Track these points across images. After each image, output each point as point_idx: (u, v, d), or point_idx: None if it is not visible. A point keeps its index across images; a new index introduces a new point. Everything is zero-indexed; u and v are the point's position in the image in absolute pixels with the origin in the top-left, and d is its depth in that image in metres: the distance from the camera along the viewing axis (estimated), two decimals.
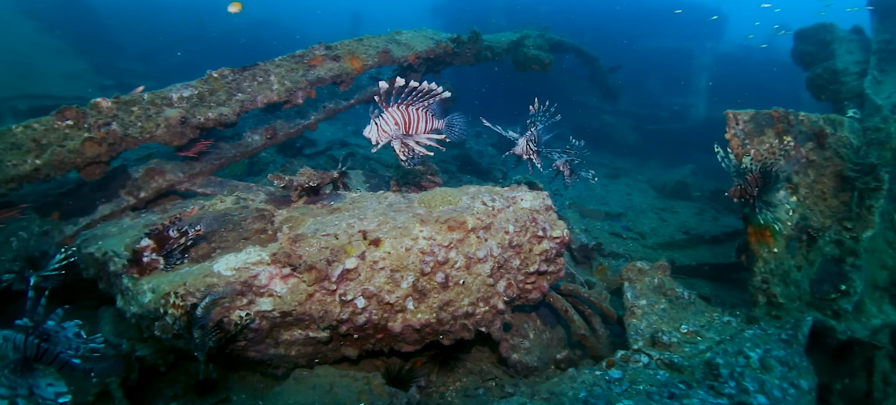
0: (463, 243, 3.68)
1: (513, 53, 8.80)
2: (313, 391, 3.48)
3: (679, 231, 9.57)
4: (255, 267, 3.22)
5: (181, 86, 4.83)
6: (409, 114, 3.94)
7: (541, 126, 4.22)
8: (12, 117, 10.56)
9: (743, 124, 5.63)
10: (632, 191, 11.25)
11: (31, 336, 2.80)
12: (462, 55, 7.15)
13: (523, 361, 4.73)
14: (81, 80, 13.57)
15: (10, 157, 4.20)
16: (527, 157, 4.29)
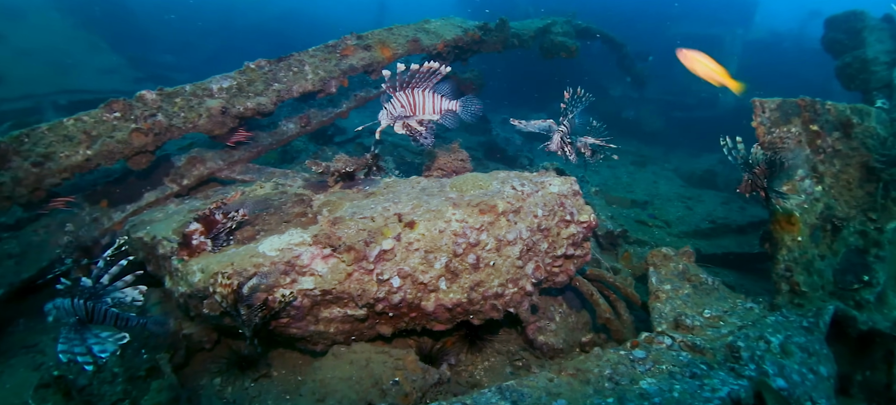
0: (494, 226, 3.81)
1: (539, 40, 8.84)
2: (351, 366, 3.67)
3: (705, 220, 9.52)
4: (297, 248, 3.40)
5: (220, 77, 5.05)
6: (415, 96, 4.07)
7: (574, 114, 4.29)
8: (53, 111, 11.01)
9: (769, 112, 5.63)
10: (658, 179, 11.19)
11: (79, 299, 3.10)
12: (489, 43, 7.23)
13: (549, 343, 4.84)
14: (117, 74, 14.02)
15: (63, 149, 4.46)
16: (561, 152, 4.36)
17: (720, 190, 11.19)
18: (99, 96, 12.62)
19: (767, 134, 5.56)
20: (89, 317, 3.11)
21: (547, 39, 8.86)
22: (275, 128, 5.84)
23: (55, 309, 3.06)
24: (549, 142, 4.24)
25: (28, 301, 5.30)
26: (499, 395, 2.91)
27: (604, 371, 3.42)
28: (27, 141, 4.45)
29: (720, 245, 8.45)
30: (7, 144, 4.40)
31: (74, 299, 3.07)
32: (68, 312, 3.06)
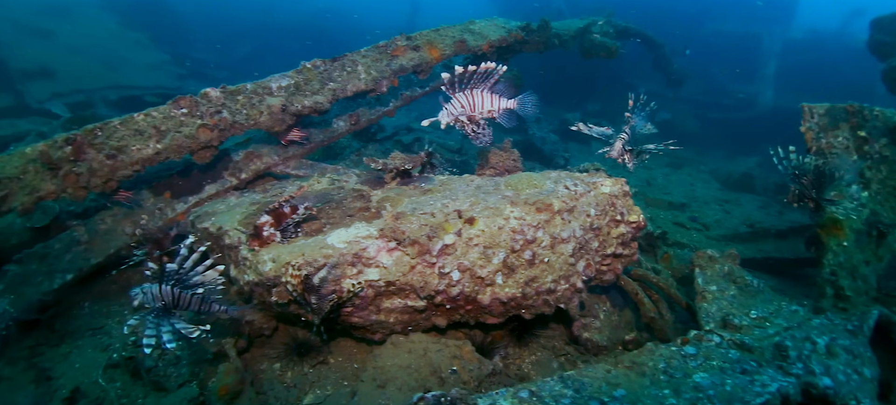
0: (549, 224, 3.92)
1: (579, 40, 8.88)
2: (409, 355, 3.82)
3: (743, 224, 9.46)
4: (364, 240, 3.56)
5: (279, 76, 5.25)
6: (474, 96, 4.20)
7: (636, 121, 4.34)
8: (104, 106, 11.46)
9: (818, 118, 5.64)
10: (694, 181, 11.12)
11: (165, 285, 3.26)
12: (531, 43, 7.33)
13: (593, 340, 4.93)
14: (161, 71, 14.51)
15: (134, 142, 4.71)
16: (620, 159, 4.41)
17: (758, 194, 11.07)
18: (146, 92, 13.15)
19: (815, 139, 5.56)
20: (174, 303, 3.29)
21: (587, 39, 8.90)
22: (326, 125, 6.03)
23: (143, 293, 3.24)
24: (609, 148, 4.30)
25: (94, 285, 5.60)
26: (561, 384, 3.02)
27: (658, 364, 3.51)
28: (100, 134, 4.70)
29: (759, 249, 8.38)
30: (83, 137, 4.66)
31: (161, 285, 3.25)
32: (155, 297, 3.25)
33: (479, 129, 4.19)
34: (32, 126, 10.76)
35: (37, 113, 12.11)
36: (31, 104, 12.38)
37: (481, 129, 4.21)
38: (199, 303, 3.32)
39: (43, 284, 5.03)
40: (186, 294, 3.29)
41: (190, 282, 3.37)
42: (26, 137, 8.95)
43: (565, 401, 2.86)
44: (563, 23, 8.74)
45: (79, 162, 4.51)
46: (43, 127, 10.26)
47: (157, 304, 3.29)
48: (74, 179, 4.49)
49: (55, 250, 5.21)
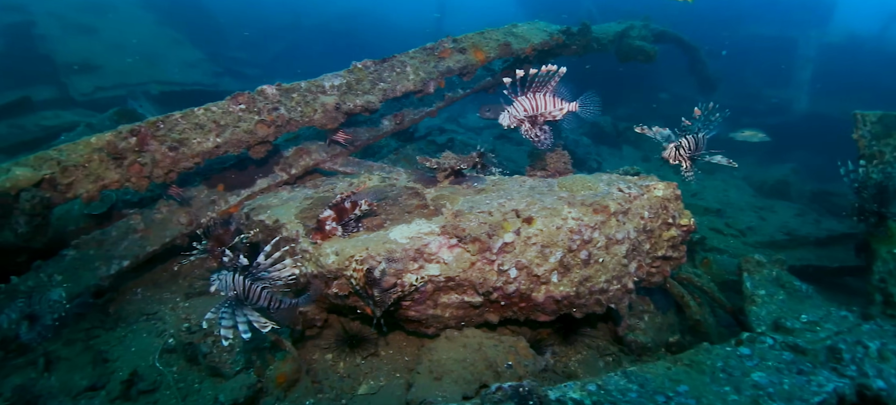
0: (605, 225, 3.97)
1: (617, 44, 8.88)
2: (464, 349, 3.89)
3: (780, 231, 9.35)
4: (426, 237, 3.65)
5: (332, 75, 5.37)
6: (536, 99, 4.27)
7: (704, 133, 4.32)
8: (147, 100, 11.76)
9: (870, 125, 5.60)
10: (728, 187, 11.01)
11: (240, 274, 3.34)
12: (572, 47, 7.36)
13: (638, 341, 4.96)
14: (198, 68, 14.82)
15: (195, 136, 4.86)
16: (674, 161, 4.43)
17: (793, 201, 10.92)
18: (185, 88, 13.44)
19: (867, 147, 5.53)
20: (246, 295, 3.38)
21: (625, 43, 8.90)
22: (371, 124, 6.15)
23: (219, 280, 3.34)
24: (664, 151, 4.34)
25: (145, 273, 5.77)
26: (625, 379, 3.08)
27: (716, 363, 3.56)
28: (162, 127, 4.86)
29: (797, 257, 8.29)
30: (146, 129, 4.82)
31: (235, 275, 3.34)
32: (230, 286, 3.35)
33: (540, 131, 4.25)
34: (78, 117, 11.10)
35: (81, 105, 12.48)
36: (75, 97, 12.75)
37: (542, 131, 4.28)
38: (268, 299, 3.38)
39: (100, 269, 5.20)
40: (257, 287, 3.37)
41: (263, 276, 3.44)
42: (76, 128, 9.22)
43: (632, 394, 2.92)
44: (600, 26, 8.75)
45: (143, 152, 4.67)
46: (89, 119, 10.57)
47: (231, 294, 3.39)
48: (138, 169, 4.65)
49: (112, 237, 5.38)
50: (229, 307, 3.37)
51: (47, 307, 4.47)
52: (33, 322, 4.46)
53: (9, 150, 10.15)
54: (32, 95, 11.94)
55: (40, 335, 4.46)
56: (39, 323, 4.47)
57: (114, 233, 5.41)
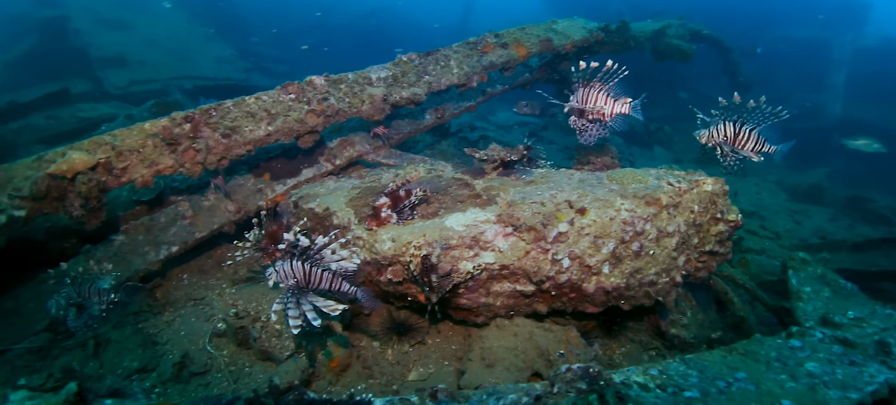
0: (657, 218, 3.98)
1: (653, 42, 8.85)
2: (515, 337, 3.93)
3: (815, 235, 9.27)
4: (482, 225, 3.70)
5: (378, 67, 5.45)
6: (590, 94, 4.29)
7: (748, 125, 4.19)
8: (180, 94, 11.97)
9: None
10: (761, 190, 10.92)
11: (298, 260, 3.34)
12: (610, 44, 7.36)
13: (681, 336, 4.96)
14: (230, 64, 15.05)
15: (247, 124, 4.96)
16: (708, 143, 4.40)
17: (826, 206, 10.79)
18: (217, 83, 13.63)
19: None
20: (307, 281, 3.42)
21: (661, 42, 8.86)
22: (412, 118, 6.21)
23: (276, 272, 3.37)
24: (704, 131, 4.32)
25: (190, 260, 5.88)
26: (684, 365, 3.11)
27: (770, 354, 3.57)
28: (215, 114, 4.95)
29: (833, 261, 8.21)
30: (199, 116, 4.91)
31: (293, 262, 3.35)
32: (288, 274, 3.38)
33: (587, 125, 4.28)
34: (114, 110, 11.34)
35: (115, 98, 12.74)
36: (110, 90, 13.02)
37: (591, 126, 4.31)
38: (329, 282, 3.41)
39: (149, 254, 5.31)
40: (317, 270, 3.39)
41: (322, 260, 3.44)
42: (115, 119, 9.44)
43: (692, 378, 2.95)
44: (637, 25, 8.72)
45: (197, 139, 4.77)
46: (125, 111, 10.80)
47: (290, 281, 3.42)
48: (192, 155, 4.74)
49: (161, 223, 5.50)
50: (293, 296, 3.39)
51: (96, 296, 4.47)
52: (81, 310, 4.47)
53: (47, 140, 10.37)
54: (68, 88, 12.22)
55: (86, 325, 4.50)
56: (87, 312, 4.49)
57: (162, 219, 5.53)
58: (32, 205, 4.59)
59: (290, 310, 3.30)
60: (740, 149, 4.27)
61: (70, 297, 4.35)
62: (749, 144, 4.26)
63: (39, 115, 11.60)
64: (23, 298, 5.15)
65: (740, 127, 4.23)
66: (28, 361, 4.72)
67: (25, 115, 11.56)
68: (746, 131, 4.26)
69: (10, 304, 5.16)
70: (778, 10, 16.66)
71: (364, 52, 5.51)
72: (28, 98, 11.39)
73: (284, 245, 3.37)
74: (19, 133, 11.03)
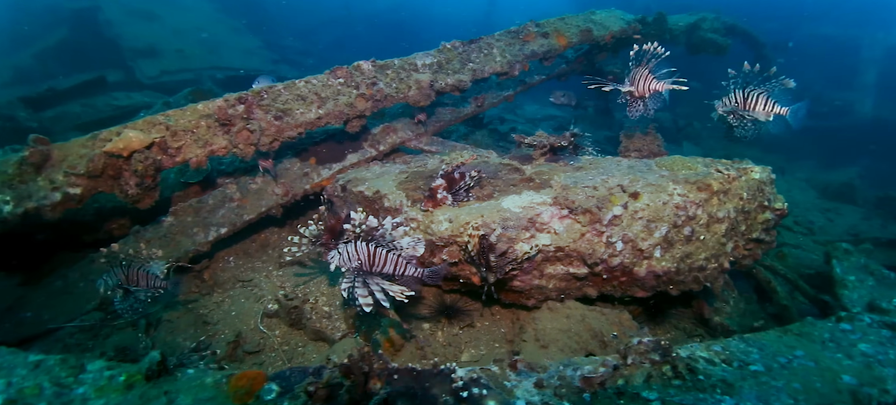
0: (708, 203, 4.02)
1: (688, 36, 8.84)
2: (567, 319, 3.99)
3: (848, 233, 9.22)
4: (539, 206, 3.76)
5: (423, 54, 5.53)
6: (638, 76, 4.41)
7: (757, 90, 4.32)
8: (212, 84, 12.16)
9: None
10: (791, 188, 10.86)
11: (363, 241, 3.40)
12: (646, 36, 7.36)
13: (724, 324, 4.99)
14: (257, 55, 15.26)
15: (298, 107, 5.05)
16: (721, 111, 4.50)
17: (858, 205, 10.71)
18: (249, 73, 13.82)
19: None
20: (371, 262, 3.46)
21: (696, 36, 8.84)
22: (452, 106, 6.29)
23: (339, 255, 3.44)
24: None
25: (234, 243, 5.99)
26: (744, 343, 3.18)
27: (823, 335, 3.62)
28: (266, 96, 5.04)
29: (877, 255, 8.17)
30: (252, 98, 5.01)
31: (357, 243, 3.40)
32: (351, 256, 3.43)
33: (636, 101, 4.39)
34: (150, 99, 11.56)
35: (148, 87, 12.99)
36: (142, 80, 13.28)
37: (638, 102, 4.41)
38: (394, 264, 3.44)
39: (198, 236, 5.41)
40: (382, 252, 3.41)
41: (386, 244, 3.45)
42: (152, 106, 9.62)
43: (754, 354, 3.02)
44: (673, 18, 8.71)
45: (250, 120, 4.86)
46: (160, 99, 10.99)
47: (354, 264, 3.45)
48: (246, 136, 4.83)
49: (209, 205, 5.61)
50: (360, 277, 3.44)
51: (144, 281, 4.44)
52: (128, 294, 4.44)
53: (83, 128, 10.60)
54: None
55: (132, 308, 4.47)
56: (133, 296, 4.46)
57: (210, 201, 5.64)
58: (88, 182, 4.66)
59: (358, 290, 3.37)
60: (751, 111, 4.40)
61: (118, 279, 4.34)
62: (759, 107, 4.36)
63: (75, 103, 11.86)
64: (72, 278, 5.24)
65: (750, 93, 4.36)
66: (79, 340, 4.81)
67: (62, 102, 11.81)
68: (754, 95, 4.38)
69: (60, 284, 5.25)
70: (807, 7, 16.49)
71: (388, 46, 5.53)
72: (66, 85, 11.65)
73: (353, 224, 3.42)
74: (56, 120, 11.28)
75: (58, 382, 2.93)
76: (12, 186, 4.49)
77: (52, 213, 4.56)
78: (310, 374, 2.49)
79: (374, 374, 2.10)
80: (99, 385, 2.83)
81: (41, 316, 4.93)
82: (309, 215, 6.38)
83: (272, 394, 2.41)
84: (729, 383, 2.68)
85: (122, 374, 2.79)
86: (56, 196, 4.54)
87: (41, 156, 4.63)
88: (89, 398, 2.76)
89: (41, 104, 11.55)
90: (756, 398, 2.61)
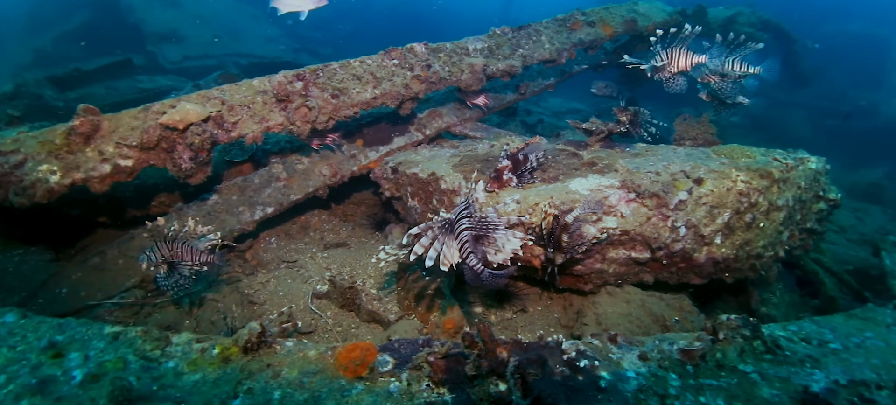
0: (768, 191, 4.04)
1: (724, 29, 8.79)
2: (627, 304, 4.02)
3: (877, 232, 9.24)
4: (607, 189, 3.79)
5: (473, 39, 5.55)
6: (673, 54, 4.71)
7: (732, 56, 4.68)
8: (236, 69, 12.17)
9: None
10: None
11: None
12: None
13: (770, 315, 5.02)
14: (279, 44, 15.27)
15: (354, 86, 5.06)
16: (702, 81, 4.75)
17: (886, 206, 10.72)
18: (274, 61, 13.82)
19: None
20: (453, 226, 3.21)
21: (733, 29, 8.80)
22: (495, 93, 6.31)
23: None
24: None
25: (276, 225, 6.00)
26: (815, 325, 3.23)
27: (886, 319, 3.64)
28: (322, 75, 5.03)
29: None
30: (310, 75, 5.00)
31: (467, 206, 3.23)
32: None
33: (674, 77, 4.53)
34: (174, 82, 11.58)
35: (170, 72, 13.01)
36: (165, 65, 13.31)
37: (677, 77, 4.53)
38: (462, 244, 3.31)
39: (244, 215, 5.39)
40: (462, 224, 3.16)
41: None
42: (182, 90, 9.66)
43: (828, 335, 3.08)
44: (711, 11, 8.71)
45: (308, 98, 4.86)
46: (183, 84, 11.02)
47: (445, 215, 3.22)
48: (304, 113, 4.82)
49: (255, 184, 5.60)
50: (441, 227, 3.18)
51: (188, 256, 4.27)
52: (172, 269, 4.29)
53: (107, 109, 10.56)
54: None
55: (177, 284, 4.31)
56: (177, 271, 4.30)
57: (256, 180, 5.64)
58: (140, 155, 4.57)
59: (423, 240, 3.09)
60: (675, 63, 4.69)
61: (162, 254, 4.17)
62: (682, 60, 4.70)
63: (99, 85, 11.84)
64: (110, 255, 5.14)
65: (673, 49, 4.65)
66: (119, 318, 4.71)
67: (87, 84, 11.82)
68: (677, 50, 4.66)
69: (97, 260, 5.13)
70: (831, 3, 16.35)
71: (404, 38, 5.44)
72: (92, 66, 11.67)
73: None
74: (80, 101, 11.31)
75: (143, 356, 2.83)
76: (60, 156, 4.40)
77: (101, 186, 4.47)
78: (420, 347, 2.51)
79: (499, 343, 2.13)
80: (191, 358, 2.75)
81: (77, 292, 4.82)
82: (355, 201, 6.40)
83: (388, 365, 2.43)
84: (815, 358, 2.74)
85: (216, 347, 2.77)
86: (105, 168, 4.46)
87: (91, 126, 4.54)
88: (182, 372, 2.67)
89: (67, 84, 11.56)
90: (842, 372, 2.66)
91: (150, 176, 5.83)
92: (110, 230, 5.70)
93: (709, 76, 4.71)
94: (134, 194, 5.73)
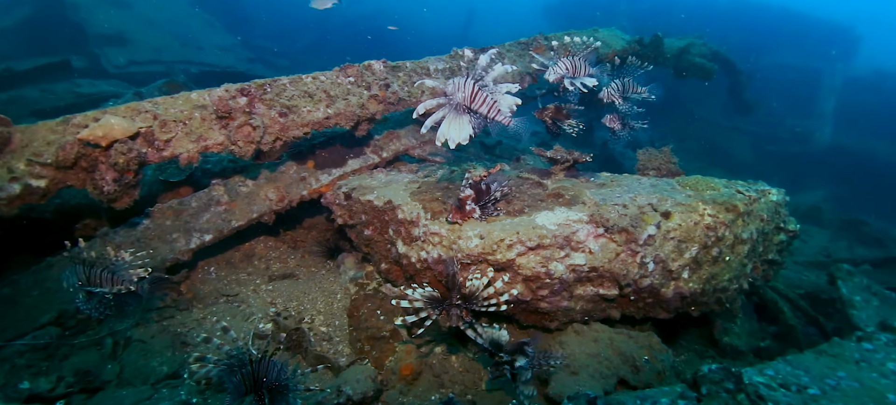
0: (734, 224, 3.98)
1: (677, 59, 8.98)
2: (595, 343, 3.84)
3: (820, 253, 9.58)
4: (574, 224, 3.60)
5: (434, 59, 5.32)
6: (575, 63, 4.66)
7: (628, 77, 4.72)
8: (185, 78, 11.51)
9: None
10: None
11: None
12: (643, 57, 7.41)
13: (733, 344, 5.00)
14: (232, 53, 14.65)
15: (305, 104, 4.71)
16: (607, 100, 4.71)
17: (824, 227, 11.17)
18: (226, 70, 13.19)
19: None
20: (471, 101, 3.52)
21: (685, 59, 9.01)
22: None
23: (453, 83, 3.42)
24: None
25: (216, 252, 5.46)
26: (789, 366, 3.22)
27: (854, 355, 3.63)
28: (270, 90, 4.62)
29: None
30: (255, 90, 4.57)
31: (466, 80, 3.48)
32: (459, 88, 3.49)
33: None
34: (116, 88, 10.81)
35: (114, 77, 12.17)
36: (108, 68, 12.47)
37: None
38: (489, 107, 3.51)
39: (178, 243, 4.85)
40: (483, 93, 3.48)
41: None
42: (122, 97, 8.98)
43: (804, 378, 3.02)
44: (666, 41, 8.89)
45: (252, 115, 4.47)
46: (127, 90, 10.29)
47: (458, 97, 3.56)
48: (248, 133, 4.40)
49: (192, 208, 5.08)
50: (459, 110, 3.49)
51: (108, 284, 3.79)
52: (91, 297, 3.80)
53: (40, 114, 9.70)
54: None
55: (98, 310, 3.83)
56: (96, 298, 3.81)
57: (194, 203, 5.13)
58: (55, 174, 4.03)
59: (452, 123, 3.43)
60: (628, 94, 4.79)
61: (81, 279, 3.70)
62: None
63: (33, 88, 10.88)
64: (24, 285, 4.53)
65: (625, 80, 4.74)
66: (31, 360, 4.12)
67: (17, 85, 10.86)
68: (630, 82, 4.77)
69: (8, 291, 4.49)
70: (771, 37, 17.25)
71: (364, 54, 5.21)
72: (25, 67, 10.74)
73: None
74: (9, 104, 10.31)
75: None
76: None
77: (8, 208, 3.91)
78: None
79: None
80: None
81: None
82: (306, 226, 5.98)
83: None
84: None
85: None
86: (14, 188, 3.91)
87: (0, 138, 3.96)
88: None
89: None
90: None
91: (73, 195, 5.26)
92: (26, 256, 5.04)
93: (613, 94, 4.74)
94: (54, 216, 5.11)
